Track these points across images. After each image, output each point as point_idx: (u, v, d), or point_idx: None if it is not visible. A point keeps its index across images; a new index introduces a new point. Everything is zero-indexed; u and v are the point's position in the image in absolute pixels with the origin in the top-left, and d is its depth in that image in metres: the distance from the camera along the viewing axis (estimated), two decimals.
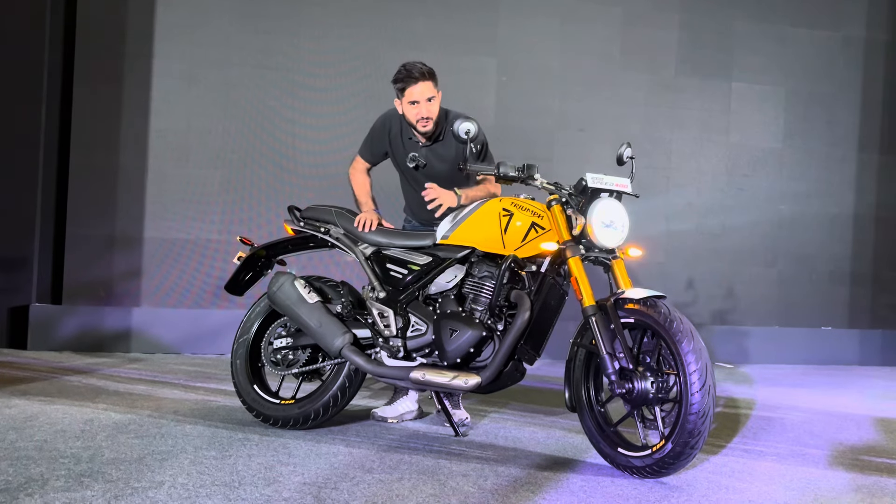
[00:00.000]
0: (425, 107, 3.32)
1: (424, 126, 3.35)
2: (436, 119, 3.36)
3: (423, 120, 3.34)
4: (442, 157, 3.47)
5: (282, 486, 2.47)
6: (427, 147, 3.48)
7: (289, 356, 3.36)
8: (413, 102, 3.33)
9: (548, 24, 6.26)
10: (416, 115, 3.34)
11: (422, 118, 3.33)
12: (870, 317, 6.92)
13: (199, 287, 5.63)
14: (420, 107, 3.32)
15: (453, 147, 3.42)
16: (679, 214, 6.52)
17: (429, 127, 3.36)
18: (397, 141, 3.52)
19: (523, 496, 2.49)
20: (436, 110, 3.35)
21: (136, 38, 5.58)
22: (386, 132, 3.54)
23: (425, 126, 3.35)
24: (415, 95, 3.31)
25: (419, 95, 3.31)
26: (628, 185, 3.00)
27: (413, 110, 3.34)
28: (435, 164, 3.48)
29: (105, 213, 5.52)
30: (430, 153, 3.48)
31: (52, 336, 5.37)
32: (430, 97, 3.32)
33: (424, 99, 3.31)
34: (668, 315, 2.65)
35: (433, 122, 3.36)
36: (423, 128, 3.36)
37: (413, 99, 3.32)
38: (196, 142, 5.65)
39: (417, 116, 3.34)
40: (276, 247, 3.56)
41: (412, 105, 3.33)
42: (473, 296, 3.07)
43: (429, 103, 3.32)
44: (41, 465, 2.56)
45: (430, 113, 3.33)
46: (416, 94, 3.31)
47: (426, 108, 3.32)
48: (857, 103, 6.90)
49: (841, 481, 2.86)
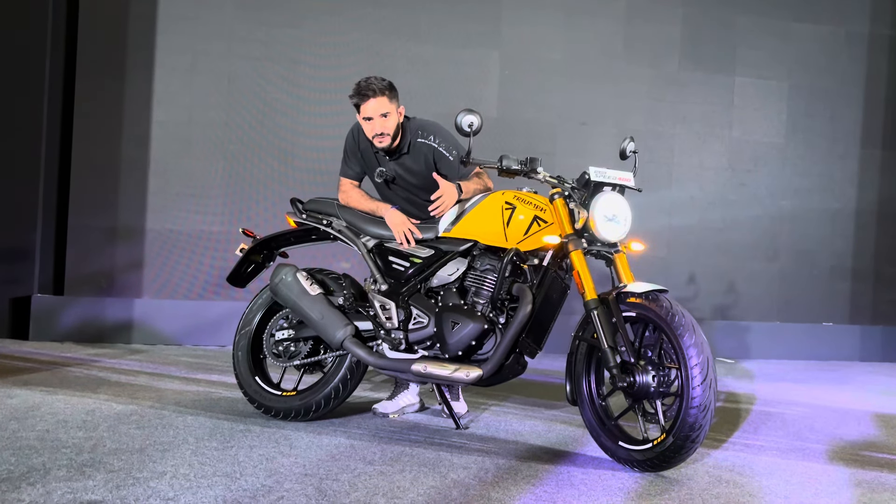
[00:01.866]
0: (379, 122, 3.26)
1: (380, 142, 3.29)
2: (393, 134, 3.29)
3: (378, 136, 3.28)
4: (410, 170, 3.39)
5: (283, 477, 2.48)
6: (395, 161, 3.40)
7: (290, 348, 3.37)
8: (367, 119, 3.28)
9: (551, 17, 6.24)
10: (371, 132, 3.29)
11: (376, 135, 3.28)
12: (871, 313, 6.91)
13: (201, 279, 5.63)
14: (374, 123, 3.26)
15: (421, 157, 3.36)
16: (681, 209, 6.52)
17: (385, 143, 3.29)
18: (368, 154, 3.45)
19: (524, 489, 2.49)
20: (391, 126, 3.28)
21: (139, 30, 5.57)
22: (356, 146, 3.48)
23: (381, 142, 3.29)
24: (368, 112, 3.26)
25: (372, 112, 3.25)
26: (631, 179, 3.00)
27: (368, 126, 3.29)
28: (405, 176, 3.40)
29: (107, 204, 5.53)
30: (398, 166, 3.40)
31: (54, 327, 5.38)
32: (383, 113, 3.25)
33: (378, 115, 3.25)
34: (669, 309, 2.65)
35: (389, 138, 3.29)
36: (379, 143, 3.30)
37: (367, 115, 3.27)
38: (198, 134, 5.65)
39: (372, 133, 3.29)
40: (279, 239, 3.56)
41: (367, 122, 3.29)
42: (475, 289, 3.07)
43: (383, 119, 3.25)
44: (43, 454, 2.57)
45: (384, 129, 3.26)
46: (369, 110, 3.25)
47: (380, 125, 3.26)
48: (859, 99, 6.89)
49: (841, 476, 2.86)
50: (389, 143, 3.30)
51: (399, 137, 3.35)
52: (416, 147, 3.35)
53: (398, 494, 2.36)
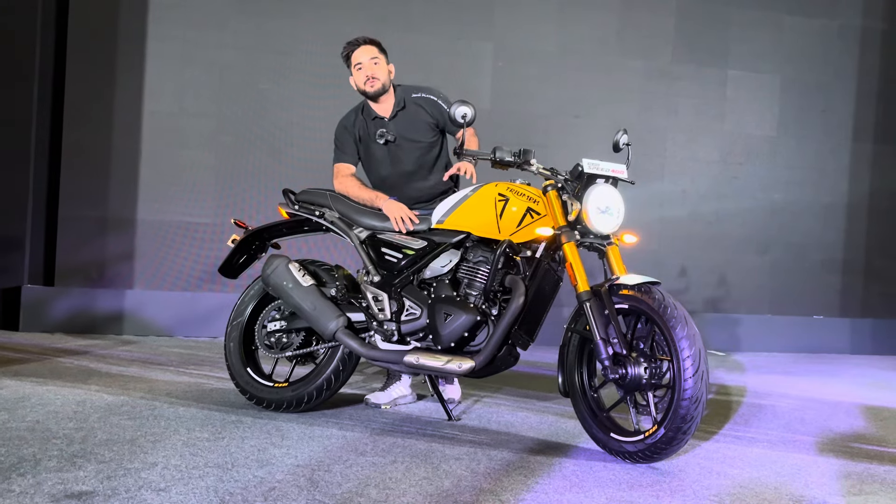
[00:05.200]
0: (369, 66, 3.44)
1: (371, 86, 3.45)
2: (383, 82, 3.46)
3: (369, 80, 3.44)
4: (410, 126, 3.50)
5: (275, 468, 2.47)
6: (392, 120, 3.50)
7: (283, 339, 3.36)
8: (358, 66, 3.46)
9: (544, 9, 6.23)
10: (363, 77, 3.45)
11: (367, 78, 3.44)
12: (861, 306, 6.95)
13: (193, 270, 5.61)
14: (365, 67, 3.45)
15: (421, 112, 3.50)
16: (673, 201, 6.53)
17: (376, 86, 3.45)
18: (362, 127, 3.55)
19: (516, 480, 2.50)
20: (381, 72, 3.45)
21: (130, 19, 5.53)
22: (349, 126, 3.57)
23: (372, 86, 3.45)
24: (359, 57, 3.46)
25: (363, 56, 3.45)
26: (624, 172, 3.00)
27: (359, 74, 3.46)
28: (407, 135, 3.50)
29: (98, 194, 5.50)
30: (398, 126, 3.50)
31: (45, 317, 5.35)
32: (373, 57, 3.45)
33: (368, 59, 3.45)
34: (662, 301, 2.66)
35: (380, 82, 3.45)
36: (370, 88, 3.45)
37: (358, 61, 3.46)
38: (190, 124, 5.62)
39: (363, 77, 3.45)
40: (271, 230, 3.55)
41: (358, 70, 3.46)
42: (468, 280, 3.07)
43: (373, 64, 3.44)
44: (33, 445, 2.56)
45: (374, 72, 3.44)
46: (360, 55, 3.46)
47: (370, 68, 3.44)
48: (851, 92, 6.91)
49: (831, 468, 2.88)
50: (381, 88, 3.45)
51: (392, 96, 3.51)
52: (412, 102, 3.51)
53: (390, 485, 2.37)
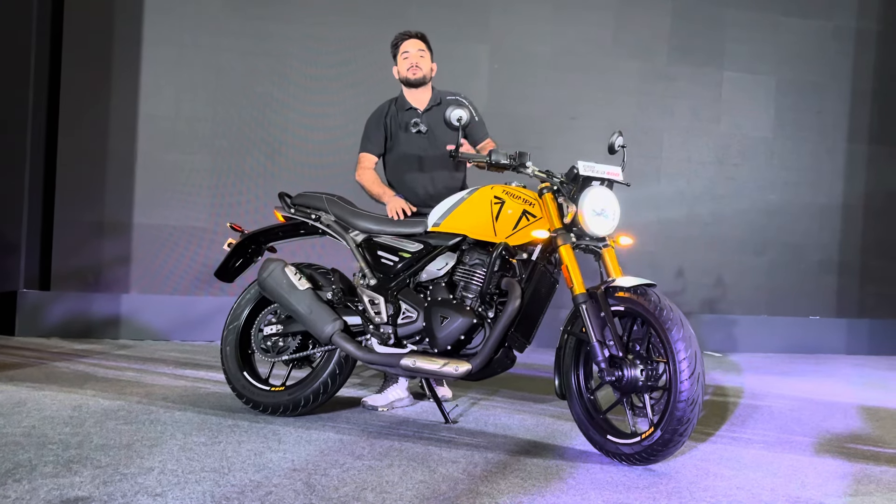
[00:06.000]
0: (415, 56, 3.68)
1: (414, 73, 3.68)
2: (425, 73, 3.70)
3: (412, 68, 3.68)
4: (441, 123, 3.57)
5: (271, 472, 2.47)
6: (426, 113, 3.70)
7: (279, 343, 3.36)
8: (405, 55, 3.70)
9: (539, 11, 6.24)
10: (407, 65, 3.69)
11: (412, 66, 3.68)
12: (857, 306, 6.96)
13: (189, 274, 5.61)
14: (411, 56, 3.69)
15: None
16: (669, 203, 6.53)
17: (418, 74, 3.68)
18: (395, 116, 3.73)
19: (512, 483, 2.49)
20: (425, 65, 3.70)
21: (126, 22, 5.53)
22: (382, 116, 3.75)
23: (415, 73, 3.68)
24: (407, 47, 3.70)
25: (410, 47, 3.70)
26: (620, 174, 3.00)
27: (405, 62, 3.70)
28: (436, 129, 3.67)
29: (94, 198, 5.49)
30: (429, 119, 3.69)
31: (41, 322, 5.34)
32: (420, 50, 3.70)
33: (416, 50, 3.69)
34: (658, 303, 2.66)
35: (422, 71, 3.69)
36: (412, 75, 3.68)
37: (405, 50, 3.70)
38: (186, 127, 5.61)
39: (408, 65, 3.68)
40: (267, 233, 3.55)
41: (404, 58, 3.70)
42: (464, 283, 3.07)
43: (420, 55, 3.69)
44: (29, 451, 2.55)
45: (418, 62, 3.68)
46: (408, 45, 3.71)
47: (416, 58, 3.68)
48: (847, 93, 6.92)
49: (827, 469, 2.88)
50: (422, 77, 3.69)
51: (429, 90, 3.76)
52: (448, 102, 3.63)
53: (387, 489, 2.36)
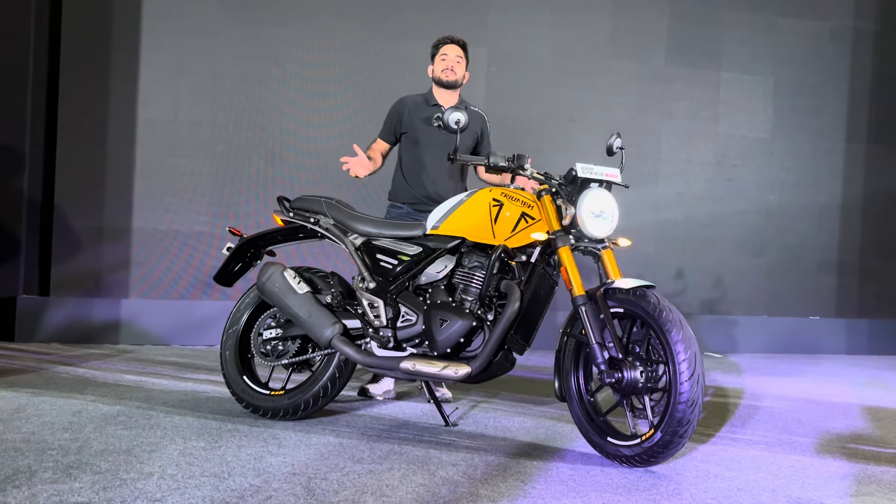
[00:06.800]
0: (453, 60, 3.86)
1: (447, 76, 3.86)
2: (457, 78, 3.87)
3: (447, 70, 3.85)
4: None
5: (271, 476, 2.47)
6: None
7: (278, 347, 3.36)
8: (443, 57, 3.87)
9: (537, 13, 6.24)
10: (443, 66, 3.86)
11: (447, 68, 3.85)
12: (857, 306, 6.96)
13: (188, 278, 5.60)
14: (448, 59, 3.86)
15: (476, 119, 3.88)
16: (668, 204, 6.54)
17: (451, 77, 3.86)
18: (418, 107, 3.89)
19: (513, 486, 2.49)
20: (460, 70, 3.88)
21: (123, 28, 5.53)
22: (403, 106, 3.92)
23: (447, 76, 3.85)
24: (446, 51, 3.87)
25: (450, 52, 3.87)
26: (618, 175, 3.00)
27: (442, 63, 3.87)
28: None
29: (93, 203, 5.49)
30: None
31: (40, 328, 5.34)
32: (458, 56, 3.87)
33: (454, 55, 3.86)
34: (657, 305, 2.66)
35: (456, 75, 3.87)
36: (446, 77, 3.85)
37: (444, 53, 3.87)
38: (184, 132, 5.61)
39: (443, 67, 3.86)
40: (266, 237, 3.54)
41: (442, 60, 3.87)
42: (463, 286, 3.07)
43: (457, 61, 3.86)
44: (29, 456, 2.55)
45: (454, 66, 3.86)
46: (448, 50, 3.87)
47: (453, 62, 3.86)
48: (844, 93, 6.93)
49: (828, 469, 2.88)
50: (454, 81, 3.86)
51: (457, 95, 3.92)
52: (472, 112, 3.88)
53: (387, 493, 2.36)
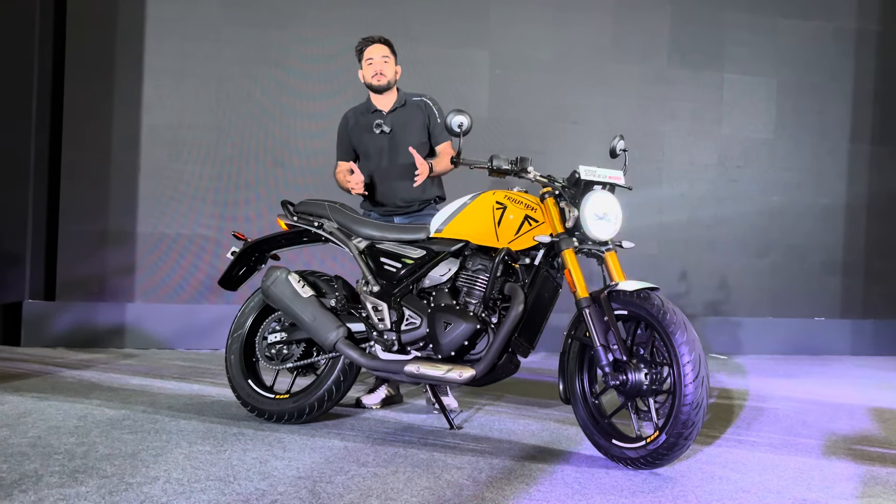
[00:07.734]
0: (379, 63, 3.70)
1: (378, 80, 3.70)
2: (389, 79, 3.71)
3: (377, 75, 3.70)
4: (407, 124, 3.74)
5: (276, 480, 2.47)
6: (390, 114, 3.74)
7: (283, 351, 3.36)
8: (369, 61, 3.72)
9: (540, 15, 6.25)
10: (372, 72, 3.71)
11: (376, 73, 3.70)
12: (861, 306, 6.95)
13: (193, 282, 5.62)
14: (375, 63, 3.71)
15: (418, 112, 3.75)
16: (672, 206, 6.53)
17: (382, 81, 3.71)
18: (360, 119, 3.79)
19: (518, 488, 2.49)
20: (389, 70, 3.72)
21: (127, 33, 5.56)
22: (346, 122, 3.84)
23: (379, 80, 3.70)
24: (371, 54, 3.72)
25: (375, 53, 3.71)
26: (621, 178, 3.00)
27: (369, 68, 3.72)
28: (401, 131, 3.72)
29: (98, 208, 5.51)
30: (393, 120, 3.74)
31: (46, 332, 5.36)
32: (384, 56, 3.71)
33: (379, 57, 3.71)
34: (661, 307, 2.66)
35: (386, 78, 3.71)
36: (376, 82, 3.71)
37: (369, 57, 3.72)
38: (188, 137, 5.63)
39: (372, 72, 3.71)
40: (270, 242, 3.55)
41: (368, 64, 3.72)
42: (467, 289, 3.07)
43: (384, 62, 3.71)
44: (35, 461, 2.56)
45: (383, 69, 3.70)
46: (372, 52, 3.72)
47: (380, 65, 3.70)
48: (847, 94, 6.92)
49: (834, 471, 2.88)
50: (386, 84, 3.71)
51: (394, 94, 3.77)
52: (413, 104, 3.76)
53: (392, 496, 2.36)
